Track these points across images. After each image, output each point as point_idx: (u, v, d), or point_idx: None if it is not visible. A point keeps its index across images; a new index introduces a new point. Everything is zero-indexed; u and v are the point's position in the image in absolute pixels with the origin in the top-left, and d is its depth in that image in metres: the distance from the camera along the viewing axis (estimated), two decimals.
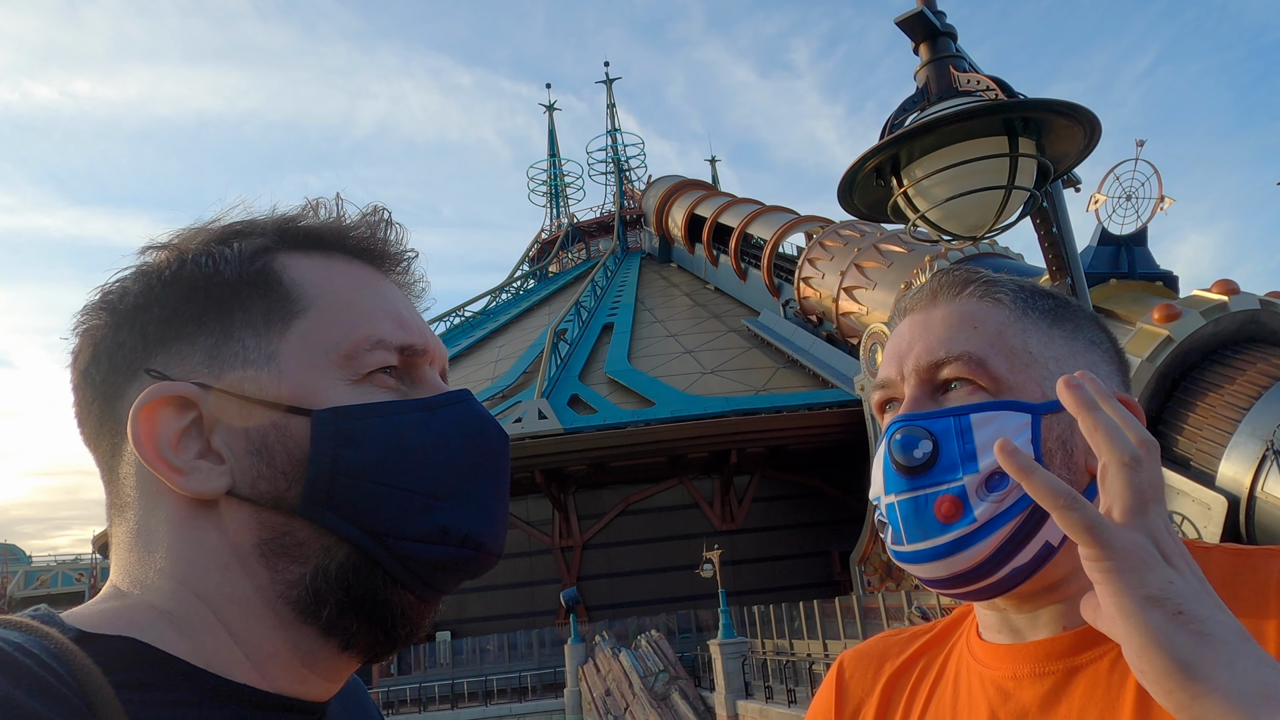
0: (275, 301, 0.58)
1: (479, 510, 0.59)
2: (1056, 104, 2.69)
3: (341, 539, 0.55)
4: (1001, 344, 0.73)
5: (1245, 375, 9.84)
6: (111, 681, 0.48)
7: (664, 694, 19.66)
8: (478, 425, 0.61)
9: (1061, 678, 0.70)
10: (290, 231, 0.62)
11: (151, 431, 0.55)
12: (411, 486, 0.57)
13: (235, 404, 0.56)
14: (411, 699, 25.89)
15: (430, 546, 0.57)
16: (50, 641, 0.49)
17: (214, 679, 0.54)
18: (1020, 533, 0.68)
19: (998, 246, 18.03)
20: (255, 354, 0.57)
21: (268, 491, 0.55)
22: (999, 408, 0.71)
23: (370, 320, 0.60)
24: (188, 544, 0.56)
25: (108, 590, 0.58)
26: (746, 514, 30.41)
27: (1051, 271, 3.24)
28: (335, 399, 0.57)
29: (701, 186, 47.12)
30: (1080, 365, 0.74)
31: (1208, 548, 0.72)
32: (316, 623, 0.56)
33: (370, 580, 0.56)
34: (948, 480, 0.70)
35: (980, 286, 0.77)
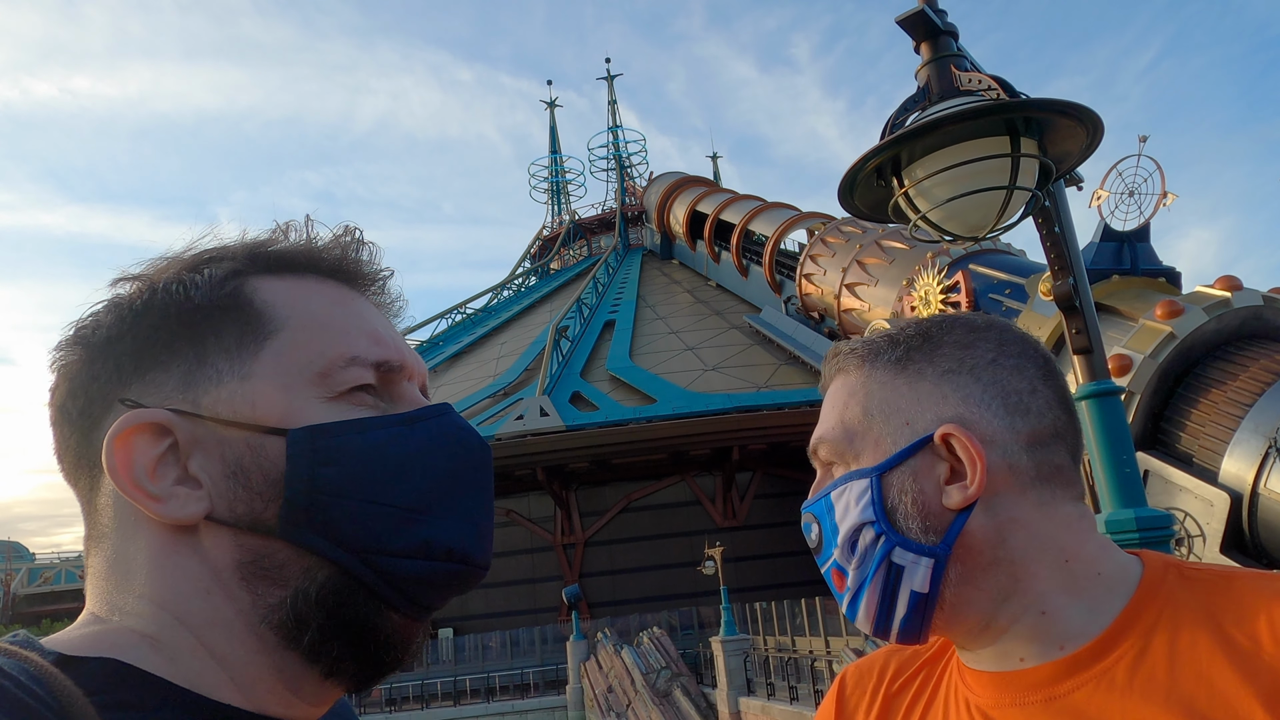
0: (247, 324, 0.58)
1: (463, 523, 0.58)
2: (1059, 104, 2.67)
3: (323, 559, 0.55)
4: (845, 417, 0.78)
5: (1248, 372, 9.82)
6: (94, 703, 0.48)
7: (666, 691, 19.68)
8: (458, 438, 0.60)
9: (1041, 707, 0.71)
10: (260, 255, 0.61)
11: (127, 459, 0.55)
12: (392, 501, 0.56)
13: (210, 428, 0.56)
14: (414, 695, 25.95)
15: (415, 562, 0.56)
16: (30, 664, 0.48)
17: (198, 699, 0.53)
18: (888, 588, 0.73)
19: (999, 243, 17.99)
20: (229, 376, 0.57)
21: (245, 514, 0.55)
22: (846, 480, 0.77)
23: (344, 338, 0.59)
24: (167, 570, 0.56)
25: (85, 617, 0.58)
26: (748, 511, 30.43)
27: (1053, 270, 3.22)
28: (311, 417, 0.56)
29: (703, 183, 47.07)
30: (926, 405, 0.75)
31: (1206, 578, 0.71)
32: (299, 648, 0.55)
33: (353, 601, 0.55)
34: (830, 555, 0.77)
35: (836, 360, 0.82)
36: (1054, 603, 0.71)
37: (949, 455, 0.73)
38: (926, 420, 0.75)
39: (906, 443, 0.74)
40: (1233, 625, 0.65)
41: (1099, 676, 0.69)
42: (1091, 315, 3.21)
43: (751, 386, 30.68)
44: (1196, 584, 0.70)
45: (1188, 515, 9.57)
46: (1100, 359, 3.18)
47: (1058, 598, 0.71)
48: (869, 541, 0.74)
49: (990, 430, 0.73)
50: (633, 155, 62.66)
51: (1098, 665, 0.69)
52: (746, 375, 31.76)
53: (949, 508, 0.72)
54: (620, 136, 62.48)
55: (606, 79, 62.96)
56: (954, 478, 0.73)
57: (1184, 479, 9.74)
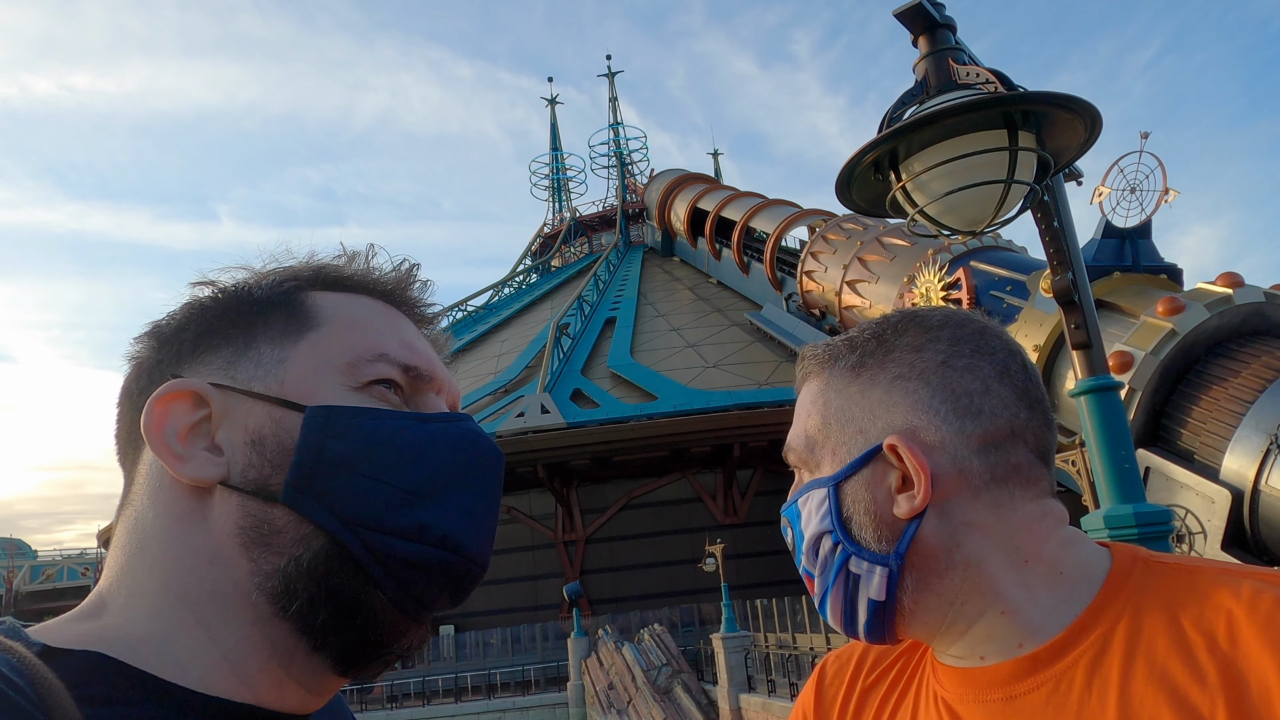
0: (293, 318, 0.63)
1: (462, 514, 0.59)
2: (1057, 97, 2.65)
3: (319, 529, 0.57)
4: (807, 425, 0.79)
5: (1250, 368, 9.80)
6: (75, 696, 0.49)
7: (667, 687, 19.70)
8: (471, 439, 0.63)
9: (1001, 705, 0.71)
10: (321, 273, 0.67)
11: (163, 420, 0.59)
12: (393, 481, 0.58)
13: (240, 400, 0.60)
14: (415, 692, 26.01)
15: (406, 543, 0.57)
16: (13, 655, 0.49)
17: (183, 692, 0.54)
18: (848, 594, 0.75)
19: (1001, 240, 17.96)
20: (268, 359, 0.62)
21: (255, 479, 0.58)
22: (808, 488, 0.78)
23: (378, 337, 0.64)
24: (177, 538, 0.58)
25: (88, 604, 0.59)
26: (749, 508, 30.44)
27: (1053, 266, 3.20)
28: (332, 399, 0.60)
29: (704, 180, 47.05)
30: (878, 413, 0.75)
31: (1172, 571, 0.70)
32: (288, 615, 0.57)
33: (342, 574, 0.57)
34: (801, 559, 0.79)
35: (802, 367, 0.83)
36: (1013, 602, 0.71)
37: (898, 464, 0.72)
38: (878, 429, 0.74)
39: (859, 452, 0.74)
40: (1190, 621, 0.65)
41: (1059, 676, 0.68)
42: (1090, 310, 3.20)
43: (752, 384, 30.68)
44: (1161, 577, 0.69)
45: (1189, 512, 9.56)
46: (1099, 354, 3.17)
47: (1017, 597, 0.71)
48: (828, 550, 0.76)
49: (938, 437, 0.72)
50: (634, 152, 62.73)
51: (1057, 664, 0.69)
52: (747, 372, 31.76)
53: (900, 517, 0.72)
54: (621, 134, 62.48)
55: (607, 76, 62.96)
56: (904, 486, 0.72)
57: (1185, 476, 9.73)
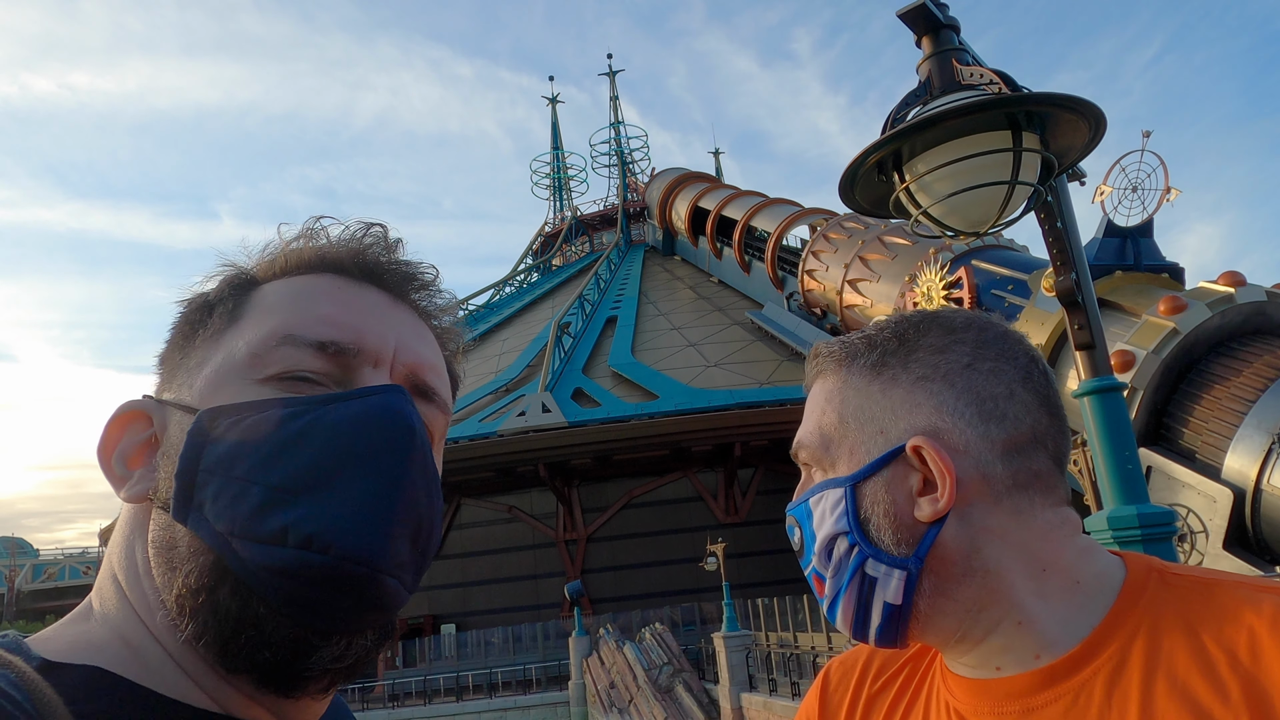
0: (224, 317, 0.61)
1: (339, 510, 0.51)
2: (1060, 98, 2.65)
3: (205, 545, 0.52)
4: (822, 422, 0.77)
5: (1251, 367, 9.80)
6: (74, 712, 0.48)
7: (668, 686, 19.71)
8: (372, 418, 0.54)
9: (1016, 718, 0.70)
10: (275, 261, 0.64)
11: (113, 442, 0.59)
12: (265, 480, 0.51)
13: (169, 413, 0.58)
14: (417, 691, 26.03)
15: (270, 549, 0.50)
16: (13, 671, 0.48)
17: (178, 706, 0.53)
18: (861, 598, 0.73)
19: (1002, 239, 17.95)
20: (194, 365, 0.60)
21: (164, 492, 0.55)
22: (822, 488, 0.76)
23: (288, 319, 0.58)
24: (127, 552, 0.58)
25: (80, 608, 0.60)
26: (750, 507, 30.44)
27: (1055, 266, 3.21)
28: (234, 397, 0.56)
29: (705, 179, 47.02)
30: (899, 414, 0.73)
31: (1189, 584, 0.70)
32: (187, 637, 0.53)
33: (221, 591, 0.52)
34: (810, 560, 0.77)
35: (816, 364, 0.81)
36: (1030, 612, 0.70)
37: (921, 466, 0.71)
38: (900, 429, 0.72)
39: (880, 452, 0.72)
40: (1211, 636, 0.64)
41: (1077, 689, 0.68)
42: (1094, 310, 3.20)
43: (753, 383, 30.67)
44: (1177, 590, 0.69)
45: (1190, 511, 9.55)
46: (1102, 354, 3.17)
47: (1034, 607, 0.70)
48: (843, 552, 0.74)
49: (963, 439, 0.70)
50: (635, 151, 62.65)
51: (1075, 677, 0.68)
52: (748, 371, 31.75)
53: (920, 520, 0.71)
54: (622, 132, 62.44)
55: (608, 75, 62.92)
56: (926, 489, 0.71)
57: (1187, 475, 9.72)
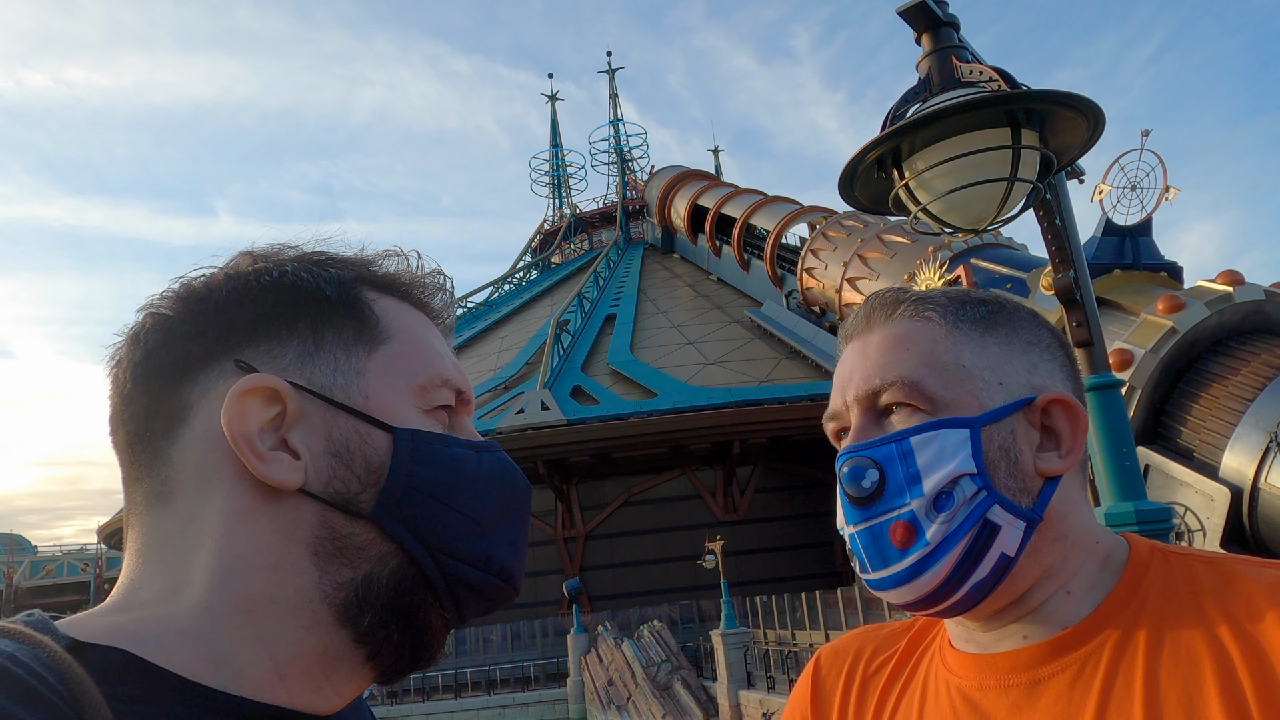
0: (365, 325, 0.63)
1: (510, 547, 0.64)
2: (1060, 95, 2.66)
3: (398, 548, 0.58)
4: (934, 362, 0.74)
5: (1250, 366, 9.81)
6: (104, 693, 0.48)
7: (666, 684, 19.73)
8: (511, 472, 0.66)
9: (1024, 690, 0.70)
10: (371, 273, 0.67)
11: (243, 414, 0.57)
12: (467, 512, 0.61)
13: (321, 407, 0.59)
14: (415, 689, 26.03)
15: (474, 570, 0.61)
16: (43, 650, 0.48)
17: (208, 692, 0.53)
18: (974, 548, 0.69)
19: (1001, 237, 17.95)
20: (345, 367, 0.61)
21: (340, 493, 0.58)
22: (937, 427, 0.71)
23: (440, 361, 0.66)
24: (241, 537, 0.57)
25: (117, 599, 0.57)
26: (749, 505, 30.46)
27: (1054, 264, 3.21)
28: (411, 422, 0.62)
29: (704, 177, 47.00)
30: (1017, 369, 0.75)
31: (1190, 560, 0.71)
32: (354, 628, 0.58)
33: (415, 593, 0.59)
34: (897, 506, 0.71)
35: (910, 306, 0.77)
36: (1077, 584, 0.72)
37: (1045, 421, 0.73)
38: (1019, 384, 0.74)
39: (1003, 401, 0.73)
40: (1214, 607, 0.66)
41: (1084, 660, 0.68)
42: (1092, 308, 3.21)
43: (752, 380, 30.68)
44: (1179, 567, 0.71)
45: (1188, 510, 9.57)
46: (1101, 352, 3.18)
47: (1080, 579, 0.72)
48: (967, 495, 0.70)
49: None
50: (634, 149, 62.61)
51: (1082, 648, 0.69)
52: (747, 369, 31.76)
53: (1043, 474, 0.72)
54: (621, 130, 62.40)
55: (608, 72, 62.86)
56: (1044, 445, 0.73)
57: (1185, 474, 9.74)
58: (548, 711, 24.24)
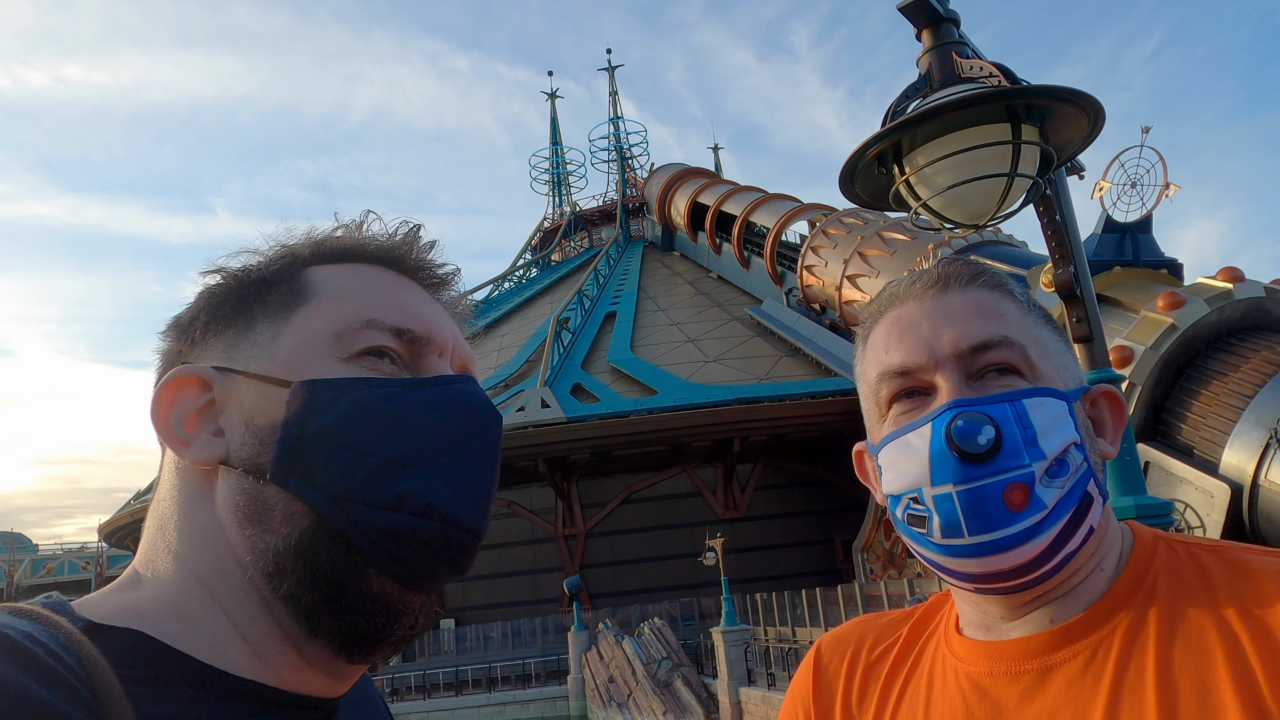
0: (289, 294, 0.63)
1: (449, 482, 0.58)
2: (1060, 91, 2.66)
3: (307, 507, 0.56)
4: (1029, 334, 0.74)
5: (1249, 363, 9.81)
6: (118, 674, 0.49)
7: (667, 681, 19.74)
8: (466, 403, 0.61)
9: (1036, 677, 0.70)
10: (319, 247, 0.67)
11: (168, 407, 0.61)
12: (376, 452, 0.57)
13: (238, 381, 0.61)
14: (416, 686, 26.05)
15: (390, 514, 0.56)
16: (59, 631, 0.50)
17: (220, 675, 0.55)
18: (1075, 517, 0.69)
19: (1001, 234, 17.95)
20: (264, 338, 0.62)
21: (248, 458, 0.58)
22: (1044, 394, 0.71)
23: (367, 304, 0.63)
24: (188, 519, 0.59)
25: (125, 577, 0.61)
26: (749, 502, 30.46)
27: (1054, 259, 3.21)
28: (321, 372, 0.60)
29: (704, 174, 46.97)
30: (1068, 361, 0.78)
31: (1195, 548, 0.72)
32: (280, 596, 0.57)
33: (329, 552, 0.56)
34: (1016, 467, 0.67)
35: (992, 277, 0.78)
36: (1105, 564, 0.73)
37: (1093, 411, 0.76)
38: (1074, 374, 0.77)
39: (1074, 385, 0.75)
40: (1223, 593, 0.66)
41: (1095, 646, 0.68)
42: (1092, 304, 3.21)
43: (753, 378, 30.67)
44: (1185, 555, 0.71)
45: (1188, 506, 9.57)
46: (1101, 348, 3.18)
47: (1110, 559, 0.73)
48: (1077, 464, 0.70)
49: None
50: (634, 147, 62.55)
51: (1094, 634, 0.69)
52: (748, 367, 31.75)
53: (1103, 454, 0.75)
54: (621, 128, 62.34)
55: (608, 70, 62.78)
56: (1096, 432, 0.76)
57: (1185, 470, 9.74)
58: (548, 709, 24.26)
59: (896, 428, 0.74)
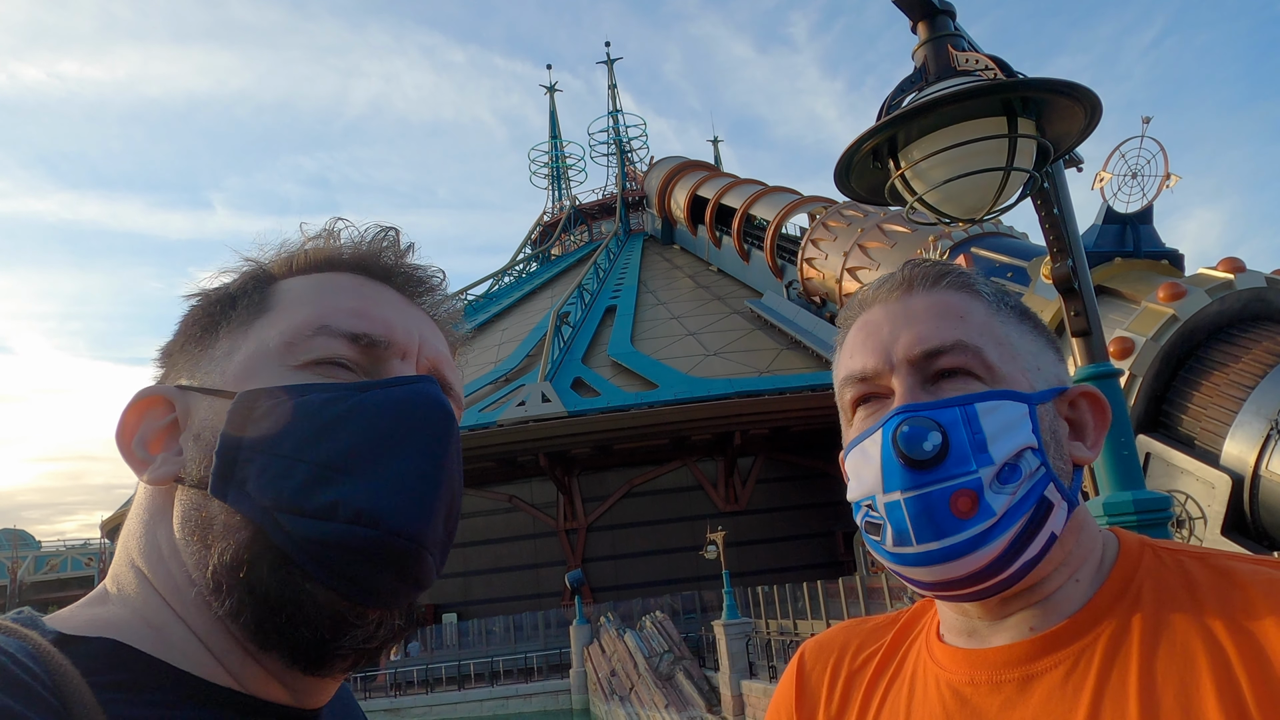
0: (251, 309, 0.63)
1: (386, 487, 0.54)
2: (1056, 83, 2.63)
3: (244, 519, 0.55)
4: (991, 334, 0.72)
5: (1250, 354, 9.79)
6: (91, 683, 0.49)
7: (669, 674, 19.79)
8: (411, 402, 0.58)
9: (1017, 686, 0.69)
10: (291, 259, 0.66)
11: (132, 429, 0.60)
12: (308, 459, 0.55)
13: (194, 398, 0.60)
14: (419, 680, 26.14)
15: (321, 523, 0.53)
16: (28, 643, 0.49)
17: (196, 681, 0.54)
18: (1031, 525, 0.67)
19: (1002, 226, 17.91)
20: (221, 353, 0.61)
21: (195, 473, 0.58)
22: (1000, 397, 0.69)
23: (320, 311, 0.62)
24: (148, 535, 0.60)
25: (94, 594, 0.61)
26: (750, 495, 30.50)
27: (1052, 253, 3.19)
28: (270, 382, 0.58)
29: (704, 167, 46.88)
30: (1044, 362, 0.75)
31: (1181, 556, 0.70)
32: (223, 614, 0.55)
33: (263, 565, 0.54)
34: (962, 473, 0.66)
35: (956, 278, 0.76)
36: (1083, 572, 0.71)
37: (1072, 413, 0.74)
38: (1049, 374, 0.74)
39: (1045, 386, 0.73)
40: (1209, 604, 0.65)
41: (1077, 655, 0.67)
42: (1090, 297, 3.19)
43: (753, 371, 30.67)
44: (1171, 561, 0.70)
45: (1189, 498, 9.56)
46: (1099, 341, 3.16)
47: (1088, 568, 0.71)
48: (1032, 469, 0.68)
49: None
50: (633, 140, 62.43)
51: (1076, 644, 0.68)
52: (748, 360, 31.74)
53: (1075, 461, 0.73)
54: (621, 121, 62.21)
55: (606, 63, 62.63)
56: (1071, 436, 0.74)
57: (1185, 461, 9.73)
58: (551, 702, 24.33)
59: (857, 433, 0.74)
